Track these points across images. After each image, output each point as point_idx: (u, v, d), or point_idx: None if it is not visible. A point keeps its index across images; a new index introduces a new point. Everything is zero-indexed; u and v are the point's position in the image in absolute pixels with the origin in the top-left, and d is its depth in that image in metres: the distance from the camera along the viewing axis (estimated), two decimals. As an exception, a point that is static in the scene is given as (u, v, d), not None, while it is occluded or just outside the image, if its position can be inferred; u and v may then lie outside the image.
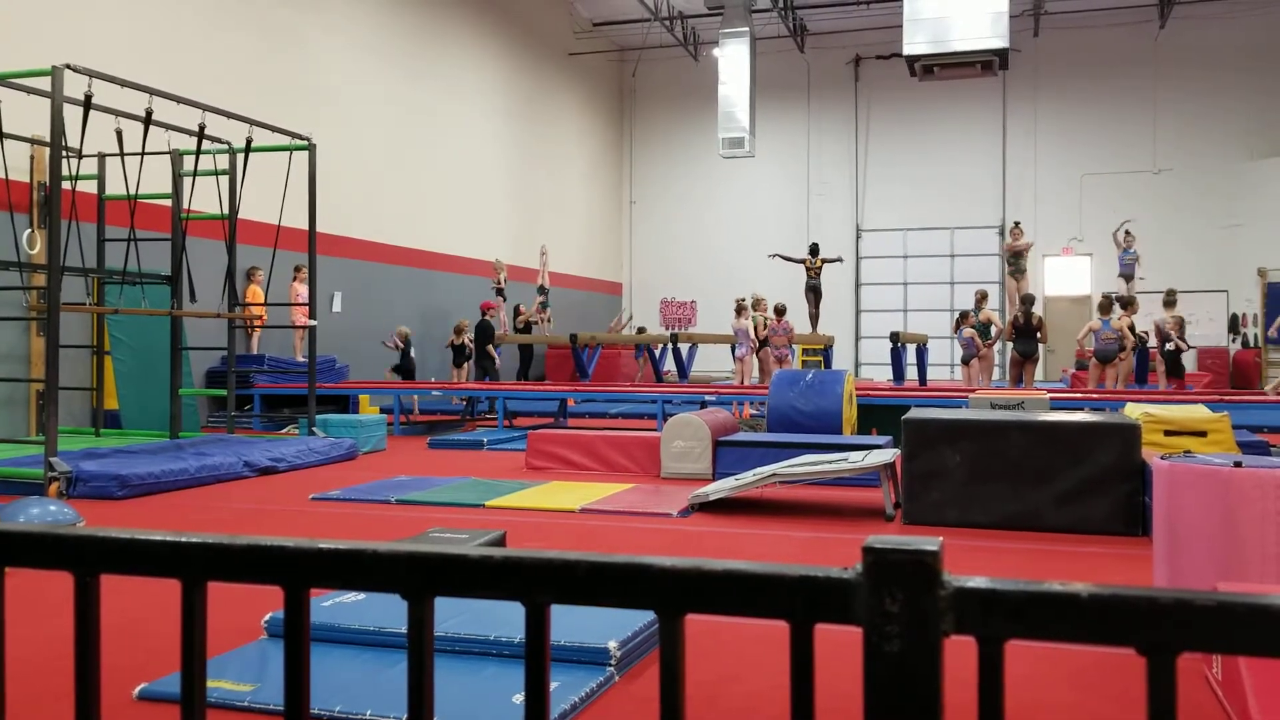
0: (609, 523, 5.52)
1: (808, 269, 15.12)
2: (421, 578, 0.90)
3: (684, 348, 14.40)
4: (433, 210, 15.49)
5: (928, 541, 0.79)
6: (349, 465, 8.18)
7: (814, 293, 15.06)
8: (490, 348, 13.04)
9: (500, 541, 3.82)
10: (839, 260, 15.36)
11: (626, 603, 0.89)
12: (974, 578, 0.78)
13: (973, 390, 9.33)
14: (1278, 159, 17.91)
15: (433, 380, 14.41)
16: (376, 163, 14.20)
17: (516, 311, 15.55)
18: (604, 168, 21.86)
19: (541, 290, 15.73)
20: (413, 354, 13.00)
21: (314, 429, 8.93)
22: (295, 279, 11.71)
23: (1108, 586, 0.77)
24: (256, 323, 11.08)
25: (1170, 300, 12.16)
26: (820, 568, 0.82)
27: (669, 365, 16.22)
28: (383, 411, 11.18)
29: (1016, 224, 13.92)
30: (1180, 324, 11.97)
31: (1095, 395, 9.71)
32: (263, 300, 10.96)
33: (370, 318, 13.58)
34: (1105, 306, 11.43)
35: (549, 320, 15.70)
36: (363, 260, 13.92)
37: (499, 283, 15.33)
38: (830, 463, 5.76)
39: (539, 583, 0.89)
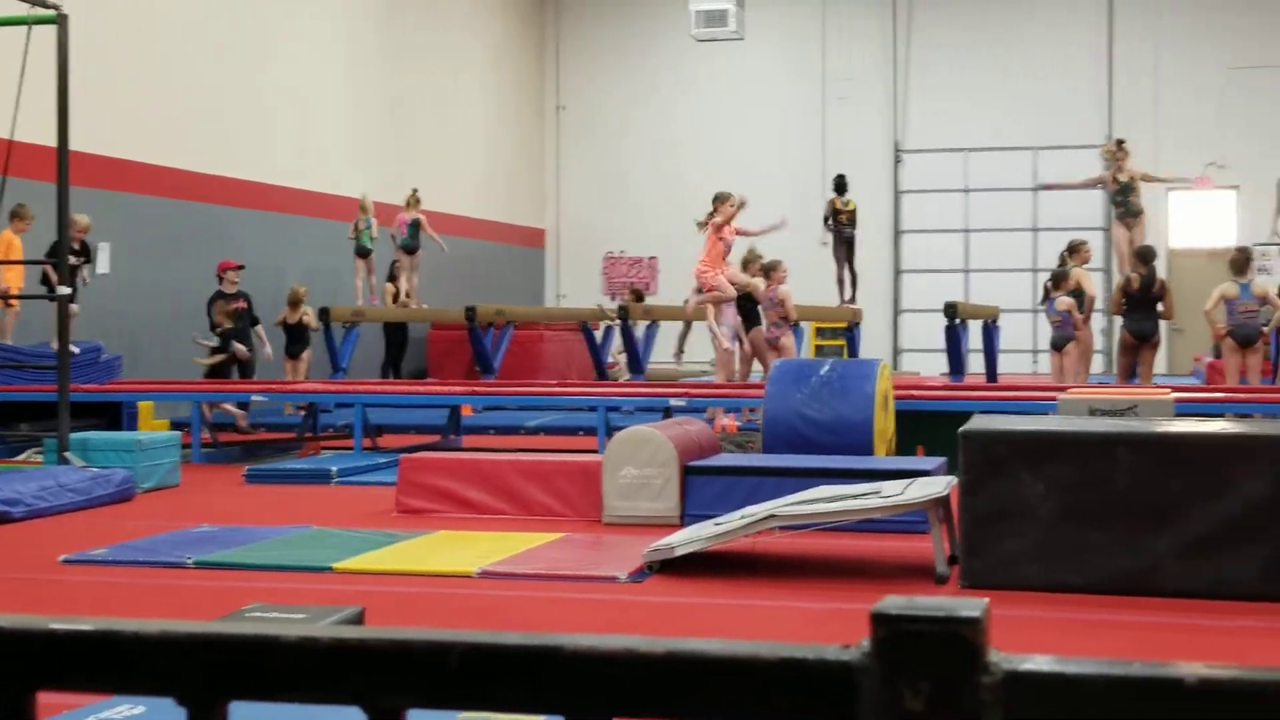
0: (522, 592, 5.52)
1: (836, 214, 15.22)
2: (209, 673, 0.89)
3: (639, 327, 14.46)
4: (253, 124, 15.35)
5: (967, 604, 0.80)
6: (122, 510, 8.09)
7: (849, 247, 15.16)
8: None
9: (355, 623, 3.81)
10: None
11: (524, 704, 0.90)
12: (1033, 657, 0.79)
13: (1064, 389, 9.49)
14: None
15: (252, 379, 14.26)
16: (165, 50, 14.02)
17: (392, 273, 15.65)
18: (516, 58, 21.79)
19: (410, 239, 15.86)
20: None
21: (67, 454, 8.82)
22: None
23: (1230, 668, 0.79)
24: (11, 292, 10.86)
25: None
26: (809, 646, 0.83)
27: (613, 355, 16.26)
28: (175, 427, 11.07)
29: (1119, 142, 14.06)
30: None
31: (1242, 395, 9.91)
32: (21, 256, 10.70)
33: (156, 281, 13.42)
34: (1241, 264, 11.66)
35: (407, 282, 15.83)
36: (144, 195, 13.75)
37: (360, 230, 15.29)
38: (855, 498, 5.81)
39: (389, 677, 0.89)
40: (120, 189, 13.34)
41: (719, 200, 12.03)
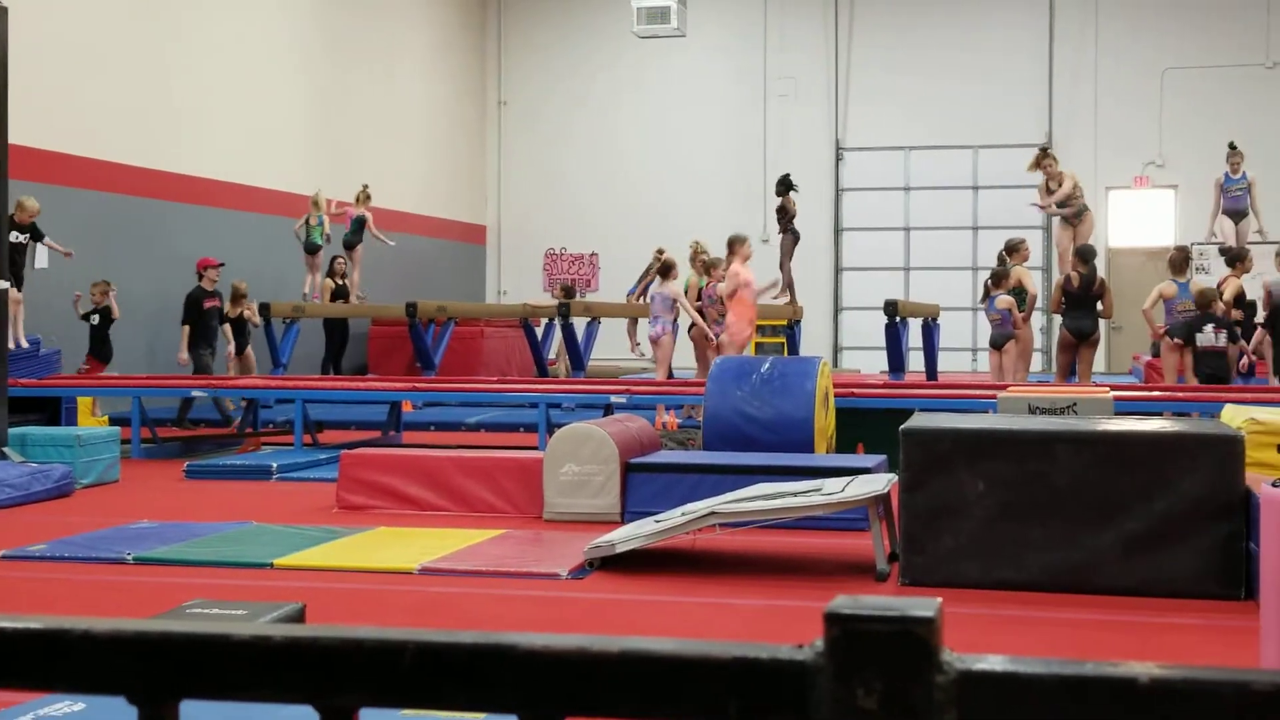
0: (463, 588, 5.51)
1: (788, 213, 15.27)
2: (161, 672, 0.88)
3: (580, 324, 14.44)
4: (193, 119, 15.21)
5: (920, 604, 0.81)
6: (61, 505, 8.02)
7: (796, 242, 15.20)
8: None
9: (296, 619, 3.79)
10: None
11: (477, 703, 0.90)
12: (987, 657, 0.80)
13: (1003, 387, 9.58)
14: None
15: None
16: (104, 43, 13.84)
17: (331, 269, 15.59)
18: (458, 53, 21.69)
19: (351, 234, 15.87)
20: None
21: (5, 449, 8.72)
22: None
23: (1181, 668, 0.80)
24: None
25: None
26: (763, 646, 0.83)
27: (556, 351, 16.25)
28: (115, 422, 10.94)
29: (1044, 150, 13.99)
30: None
31: (1181, 394, 10.05)
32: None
33: (96, 277, 13.23)
34: (1180, 263, 11.82)
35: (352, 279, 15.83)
36: (83, 189, 13.56)
37: (311, 227, 15.21)
38: (795, 495, 5.84)
39: (342, 676, 0.88)
40: (59, 183, 13.17)
41: (736, 242, 11.83)
